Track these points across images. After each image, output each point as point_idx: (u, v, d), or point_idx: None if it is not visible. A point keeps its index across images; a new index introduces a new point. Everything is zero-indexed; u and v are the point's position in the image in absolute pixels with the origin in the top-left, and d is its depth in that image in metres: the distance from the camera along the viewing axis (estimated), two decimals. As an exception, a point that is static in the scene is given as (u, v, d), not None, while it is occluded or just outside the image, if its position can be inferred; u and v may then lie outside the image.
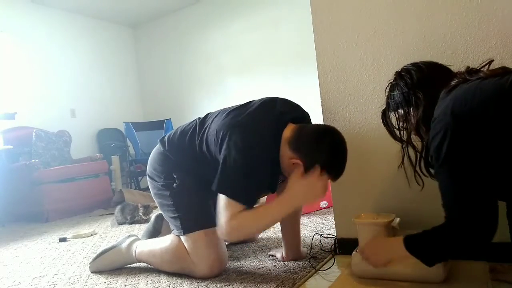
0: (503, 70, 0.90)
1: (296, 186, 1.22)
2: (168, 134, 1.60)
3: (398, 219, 1.34)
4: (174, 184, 1.48)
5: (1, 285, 1.65)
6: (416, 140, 1.06)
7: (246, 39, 4.66)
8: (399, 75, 1.08)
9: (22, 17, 4.33)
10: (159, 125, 4.67)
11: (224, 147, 1.27)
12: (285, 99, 1.44)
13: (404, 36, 1.39)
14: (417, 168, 1.08)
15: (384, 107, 1.14)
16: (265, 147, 1.26)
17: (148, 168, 1.60)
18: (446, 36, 1.30)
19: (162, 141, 1.59)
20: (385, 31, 1.42)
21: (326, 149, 1.23)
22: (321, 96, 1.56)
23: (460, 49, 1.28)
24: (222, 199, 1.26)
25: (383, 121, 1.13)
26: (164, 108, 5.34)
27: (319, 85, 1.56)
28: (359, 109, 1.49)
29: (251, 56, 4.63)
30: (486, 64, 0.99)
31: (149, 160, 1.62)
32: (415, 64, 1.07)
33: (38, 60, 4.44)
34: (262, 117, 1.33)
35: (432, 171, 1.04)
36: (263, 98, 1.44)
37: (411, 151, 1.10)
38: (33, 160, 3.48)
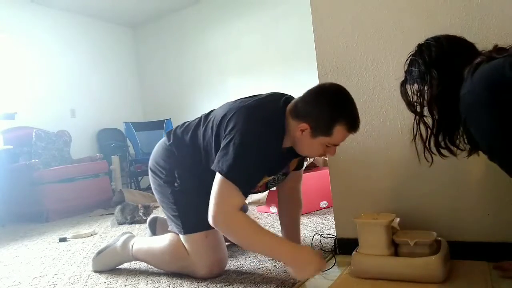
0: None
1: (301, 251, 1.19)
2: (176, 126, 1.55)
3: (398, 219, 1.34)
4: (175, 183, 1.44)
5: (1, 285, 1.65)
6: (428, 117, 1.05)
7: (246, 39, 4.66)
8: (419, 50, 1.06)
9: (22, 17, 4.33)
10: (159, 125, 4.68)
11: (229, 128, 1.24)
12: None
13: (404, 36, 1.39)
14: (427, 146, 1.06)
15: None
16: (272, 130, 1.24)
17: (151, 161, 1.55)
18: (446, 36, 1.30)
19: (168, 133, 1.53)
20: (385, 31, 1.42)
21: (326, 100, 1.20)
22: (321, 96, 1.56)
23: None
24: (218, 180, 1.21)
25: (401, 93, 1.11)
26: (164, 108, 5.34)
27: (319, 85, 1.56)
28: (360, 109, 1.47)
29: (251, 56, 4.63)
30: None
31: (153, 153, 1.57)
32: (437, 40, 1.05)
33: (38, 60, 4.44)
34: (270, 102, 1.32)
35: (443, 151, 1.03)
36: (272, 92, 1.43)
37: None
38: (33, 160, 3.47)
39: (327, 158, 1.61)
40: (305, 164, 2.54)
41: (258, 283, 1.31)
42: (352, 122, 1.20)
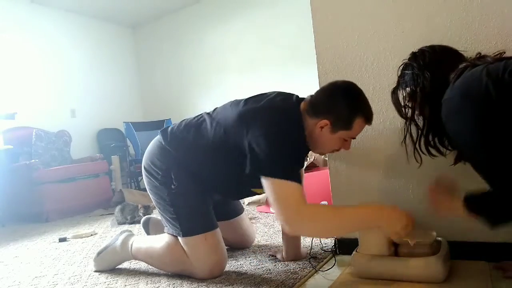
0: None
1: (393, 210, 1.18)
2: (171, 126, 1.52)
3: (398, 219, 1.34)
4: (172, 185, 1.41)
5: (1, 285, 1.65)
6: (419, 120, 1.10)
7: (246, 39, 4.66)
8: (413, 55, 1.11)
9: (22, 17, 4.32)
10: (159, 125, 4.67)
11: (252, 129, 1.23)
12: None
13: (404, 36, 1.39)
14: (417, 146, 1.11)
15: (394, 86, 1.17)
16: (291, 125, 1.25)
17: (145, 161, 1.51)
18: (446, 37, 1.30)
19: (163, 132, 1.49)
20: (385, 31, 1.42)
21: (343, 96, 1.24)
22: (321, 96, 1.56)
23: (460, 49, 1.27)
24: (268, 185, 1.18)
25: (392, 99, 1.16)
26: (164, 108, 5.34)
27: (319, 85, 1.56)
28: (359, 109, 1.48)
29: (251, 56, 4.63)
30: (497, 54, 1.02)
31: (147, 151, 1.53)
32: (431, 46, 1.11)
33: (38, 60, 4.43)
34: (283, 101, 1.34)
35: (432, 150, 1.09)
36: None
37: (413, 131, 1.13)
38: (33, 160, 3.48)
39: (326, 158, 1.61)
40: (305, 164, 2.54)
41: (258, 283, 1.31)
42: (369, 114, 1.26)
